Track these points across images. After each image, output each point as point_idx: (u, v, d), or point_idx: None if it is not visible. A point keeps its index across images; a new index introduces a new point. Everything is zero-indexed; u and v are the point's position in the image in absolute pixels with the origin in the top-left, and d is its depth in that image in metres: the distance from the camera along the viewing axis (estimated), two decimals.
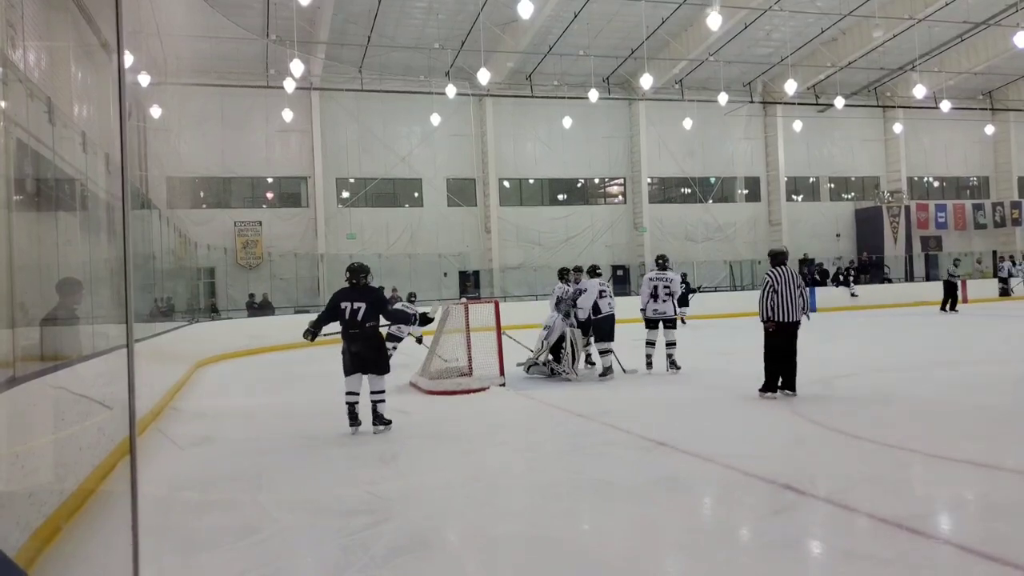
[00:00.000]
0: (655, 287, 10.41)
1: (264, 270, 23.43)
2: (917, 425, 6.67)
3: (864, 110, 29.34)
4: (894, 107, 29.31)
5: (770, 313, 7.84)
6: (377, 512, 4.57)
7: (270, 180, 24.59)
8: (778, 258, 8.11)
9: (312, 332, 7.25)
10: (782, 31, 24.02)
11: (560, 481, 5.29)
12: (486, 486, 5.26)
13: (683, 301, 16.93)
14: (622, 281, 26.12)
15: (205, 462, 6.34)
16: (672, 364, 10.34)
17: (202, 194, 23.46)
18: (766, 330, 7.94)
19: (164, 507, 4.87)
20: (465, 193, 26.26)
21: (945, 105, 25.76)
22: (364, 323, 7.06)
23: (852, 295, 24.49)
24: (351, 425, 7.17)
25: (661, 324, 10.48)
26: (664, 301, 10.39)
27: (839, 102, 24.58)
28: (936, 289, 21.99)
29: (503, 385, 9.59)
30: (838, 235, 30.04)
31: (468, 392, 9.32)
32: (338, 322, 7.18)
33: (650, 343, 10.54)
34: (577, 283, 10.45)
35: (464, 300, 13.12)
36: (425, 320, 7.83)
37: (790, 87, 22.17)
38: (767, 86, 28.00)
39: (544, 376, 10.42)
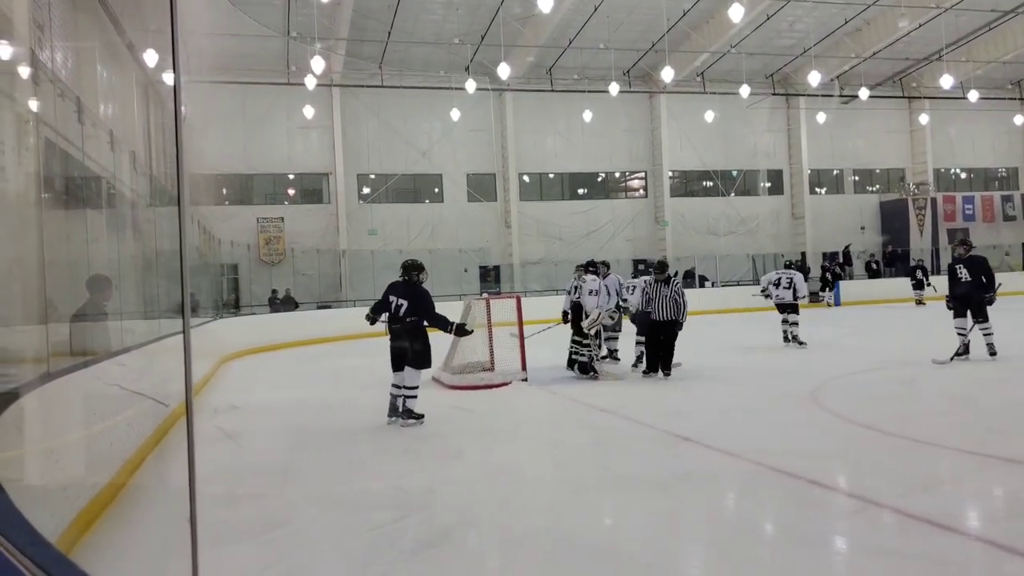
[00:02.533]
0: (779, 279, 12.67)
1: (287, 266, 23.62)
2: (944, 420, 6.59)
3: (889, 101, 28.90)
4: (920, 98, 28.85)
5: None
6: (403, 506, 4.60)
7: (292, 177, 24.77)
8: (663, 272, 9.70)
9: (372, 317, 7.59)
10: (805, 22, 23.72)
11: (584, 476, 5.29)
12: (510, 481, 5.28)
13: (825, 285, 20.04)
14: (644, 275, 26.01)
15: (232, 456, 6.41)
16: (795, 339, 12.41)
17: (225, 191, 23.67)
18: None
19: None
20: (485, 188, 26.27)
21: (973, 95, 25.29)
22: (405, 319, 7.18)
23: (918, 302, 22.73)
24: (389, 415, 7.25)
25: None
26: (786, 289, 12.62)
27: (863, 93, 24.23)
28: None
29: (525, 380, 9.60)
30: (862, 228, 29.67)
31: (490, 387, 9.34)
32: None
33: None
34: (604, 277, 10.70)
35: (486, 296, 13.14)
36: (461, 331, 7.89)
37: (813, 78, 21.91)
38: (790, 78, 27.69)
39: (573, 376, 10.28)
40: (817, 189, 29.41)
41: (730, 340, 14.15)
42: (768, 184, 29.13)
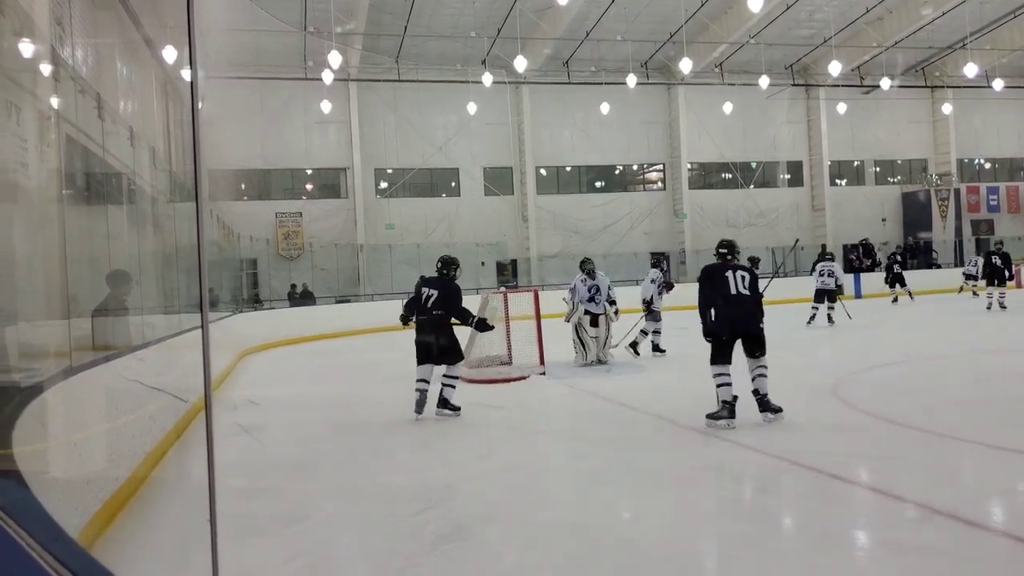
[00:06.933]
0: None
1: (305, 261, 23.75)
2: (968, 414, 6.49)
3: (911, 91, 28.45)
4: (943, 87, 28.38)
5: None
6: (422, 500, 4.60)
7: (309, 171, 24.88)
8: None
9: (405, 316, 7.55)
10: (825, 11, 23.42)
11: (603, 469, 5.27)
12: (529, 474, 5.27)
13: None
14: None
15: (252, 450, 6.45)
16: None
17: (243, 186, 23.81)
18: None
19: None
20: (502, 182, 26.24)
21: (998, 84, 24.87)
22: (432, 310, 7.20)
23: (894, 299, 20.23)
24: (415, 411, 7.15)
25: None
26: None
27: (885, 83, 23.90)
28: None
29: (543, 374, 9.58)
30: (884, 220, 29.32)
31: (508, 381, 9.33)
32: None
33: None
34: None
35: (503, 289, 13.13)
36: (482, 326, 7.87)
37: (834, 69, 21.63)
38: (810, 68, 27.37)
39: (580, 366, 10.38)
40: (838, 181, 29.09)
41: None
42: (788, 176, 28.86)
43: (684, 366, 10.19)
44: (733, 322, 6.16)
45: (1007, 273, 16.18)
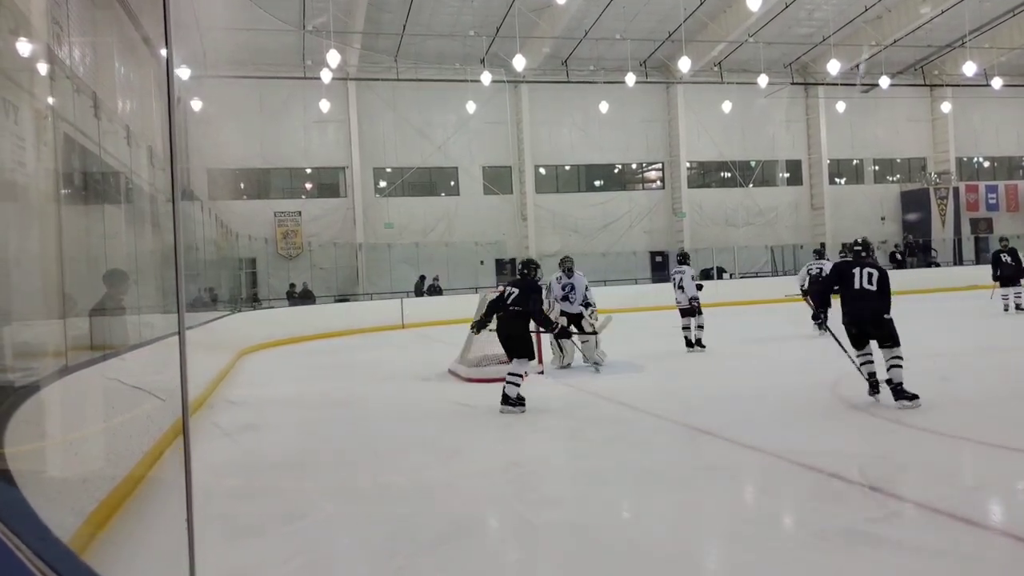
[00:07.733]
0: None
1: (304, 260, 23.74)
2: (970, 413, 6.47)
3: (910, 89, 28.49)
4: (942, 86, 28.39)
5: None
6: (421, 499, 4.59)
7: (308, 171, 24.86)
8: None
9: (478, 324, 7.78)
10: (824, 10, 23.42)
11: (603, 469, 5.25)
12: (528, 473, 5.26)
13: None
14: (661, 268, 25.86)
15: (250, 449, 6.44)
16: None
17: (242, 185, 23.81)
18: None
19: (209, 494, 4.95)
20: (501, 181, 26.22)
21: (997, 82, 24.87)
22: (510, 307, 7.39)
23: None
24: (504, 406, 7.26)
25: None
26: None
27: (884, 82, 23.90)
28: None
29: (542, 373, 9.56)
30: (883, 218, 29.33)
31: None
32: None
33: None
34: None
35: (501, 288, 13.08)
36: (564, 332, 7.83)
37: (833, 67, 21.63)
38: (809, 67, 27.36)
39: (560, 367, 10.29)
40: (837, 179, 29.10)
41: (749, 332, 14.06)
42: (787, 175, 28.86)
43: (686, 366, 10.19)
44: (854, 315, 6.72)
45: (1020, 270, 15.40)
